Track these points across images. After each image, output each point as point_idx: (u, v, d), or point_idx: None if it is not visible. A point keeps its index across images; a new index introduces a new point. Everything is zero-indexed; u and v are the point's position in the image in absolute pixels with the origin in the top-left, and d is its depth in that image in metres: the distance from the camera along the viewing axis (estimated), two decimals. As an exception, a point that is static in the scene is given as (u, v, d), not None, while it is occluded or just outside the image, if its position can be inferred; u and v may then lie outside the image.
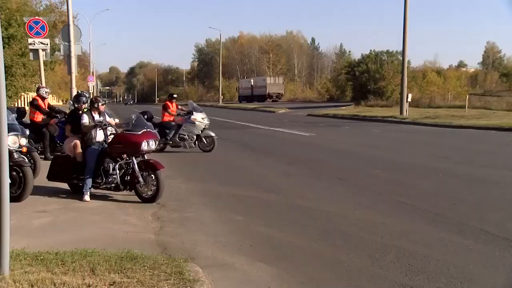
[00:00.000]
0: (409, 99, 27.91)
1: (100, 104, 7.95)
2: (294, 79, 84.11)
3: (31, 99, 13.31)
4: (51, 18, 26.91)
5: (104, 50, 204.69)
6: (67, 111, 12.23)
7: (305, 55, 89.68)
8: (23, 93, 28.74)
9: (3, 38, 6.46)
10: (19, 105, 29.42)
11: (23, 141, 7.71)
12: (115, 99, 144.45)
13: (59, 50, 23.51)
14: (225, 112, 41.26)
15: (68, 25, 16.76)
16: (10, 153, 7.05)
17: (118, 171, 7.38)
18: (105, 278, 3.98)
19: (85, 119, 7.65)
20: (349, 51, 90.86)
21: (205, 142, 13.55)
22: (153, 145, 7.48)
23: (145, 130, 7.43)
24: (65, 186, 8.60)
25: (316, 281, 4.33)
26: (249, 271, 4.59)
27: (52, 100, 61.21)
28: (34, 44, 15.63)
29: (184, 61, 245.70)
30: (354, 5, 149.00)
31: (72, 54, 16.43)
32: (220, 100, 66.43)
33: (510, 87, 59.55)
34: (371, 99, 41.95)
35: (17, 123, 8.03)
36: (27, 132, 10.04)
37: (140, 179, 7.26)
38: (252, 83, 69.04)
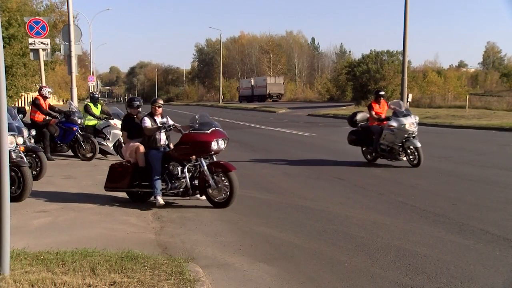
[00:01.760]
0: (410, 99, 27.90)
1: (157, 106, 7.43)
2: (295, 79, 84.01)
3: (33, 99, 13.28)
4: (51, 18, 26.93)
5: (104, 50, 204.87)
6: (65, 110, 12.25)
7: (306, 55, 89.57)
8: (23, 93, 28.75)
9: (3, 38, 6.46)
10: (20, 105, 29.44)
11: (20, 140, 7.69)
12: (115, 99, 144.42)
13: (59, 50, 23.54)
14: (225, 112, 41.26)
15: (69, 25, 16.78)
16: (9, 152, 7.11)
17: (187, 174, 7.00)
18: (105, 278, 3.99)
19: (148, 122, 7.22)
20: (349, 51, 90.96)
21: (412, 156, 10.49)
22: (222, 144, 7.04)
23: (214, 128, 7.00)
24: (67, 186, 8.61)
25: (316, 281, 4.33)
26: (249, 271, 4.60)
27: (52, 100, 61.05)
28: (35, 44, 15.64)
29: (184, 61, 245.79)
30: (354, 5, 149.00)
31: (73, 54, 16.45)
32: (221, 100, 66.40)
33: (510, 87, 59.49)
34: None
35: (12, 122, 7.93)
36: (33, 132, 10.04)
37: (211, 182, 6.83)
38: (253, 83, 69.00)
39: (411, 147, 10.39)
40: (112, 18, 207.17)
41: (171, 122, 7.49)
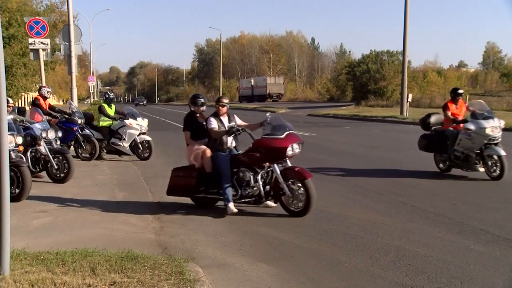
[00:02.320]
0: (410, 99, 27.90)
1: (221, 105, 6.90)
2: (295, 79, 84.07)
3: (33, 99, 13.26)
4: (51, 18, 26.95)
5: (104, 50, 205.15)
6: (67, 111, 12.24)
7: (305, 55, 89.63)
8: (23, 93, 28.75)
9: (3, 38, 6.45)
10: (20, 105, 29.39)
11: (19, 140, 7.67)
12: (115, 99, 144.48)
13: (59, 50, 23.55)
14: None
15: (69, 25, 16.78)
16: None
17: (260, 182, 6.51)
18: (105, 278, 3.99)
19: (214, 124, 6.72)
20: (349, 51, 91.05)
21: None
22: (297, 149, 6.62)
23: (288, 132, 6.55)
24: (67, 186, 8.61)
25: (316, 281, 4.33)
26: (249, 271, 4.60)
27: (52, 100, 61.12)
28: (35, 44, 15.64)
29: (184, 61, 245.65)
30: (354, 5, 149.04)
31: (73, 54, 16.45)
32: (221, 100, 66.40)
33: (510, 87, 59.42)
34: (372, 99, 41.94)
35: (11, 121, 7.92)
36: (60, 134, 9.88)
37: (286, 190, 6.36)
38: (253, 83, 69.05)
39: (492, 155, 8.81)
40: (112, 18, 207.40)
41: (238, 121, 7.10)
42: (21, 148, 7.72)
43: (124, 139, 12.05)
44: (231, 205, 6.45)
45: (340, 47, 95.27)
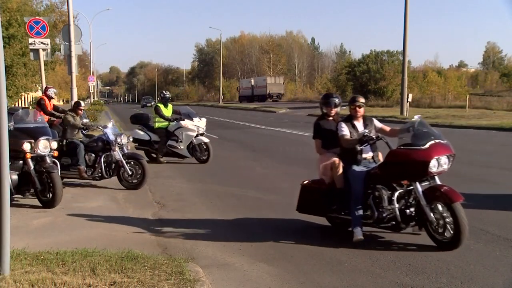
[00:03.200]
0: (410, 99, 27.89)
1: (357, 105, 5.65)
2: (295, 79, 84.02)
3: (38, 99, 13.19)
4: (51, 18, 26.93)
5: (104, 50, 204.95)
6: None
7: (306, 55, 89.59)
8: (23, 93, 28.74)
9: (3, 38, 6.44)
10: (20, 105, 29.40)
11: (54, 145, 7.29)
12: (115, 99, 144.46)
13: (59, 50, 23.52)
14: (225, 112, 41.25)
15: (69, 25, 16.76)
16: (42, 158, 7.01)
17: (396, 204, 5.17)
18: (105, 278, 3.99)
19: (345, 130, 5.54)
20: (350, 51, 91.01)
21: None
22: (446, 163, 5.24)
23: (433, 142, 5.20)
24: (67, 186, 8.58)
25: (316, 281, 4.33)
26: (249, 271, 4.60)
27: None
28: (35, 44, 15.63)
29: (184, 61, 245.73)
30: (354, 5, 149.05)
31: (73, 54, 16.43)
32: (221, 100, 66.39)
33: (510, 87, 59.44)
34: (372, 99, 41.91)
35: (47, 125, 7.63)
36: (131, 138, 9.38)
37: (429, 215, 5.04)
38: (253, 83, 69.00)
39: None
40: (112, 18, 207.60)
41: (379, 125, 5.80)
42: (56, 153, 7.29)
43: (181, 141, 11.56)
44: (358, 231, 5.27)
45: (340, 47, 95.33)
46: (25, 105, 31.66)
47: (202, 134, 11.68)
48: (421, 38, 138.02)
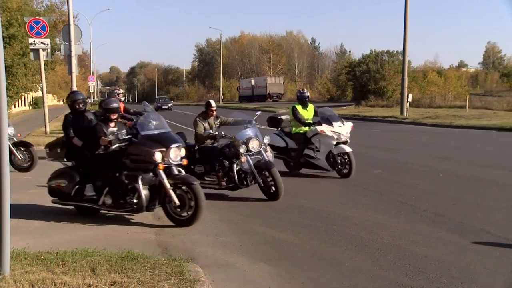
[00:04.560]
0: (410, 99, 27.87)
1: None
2: (295, 79, 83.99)
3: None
4: (51, 18, 26.93)
5: (104, 50, 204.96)
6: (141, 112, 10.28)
7: (306, 55, 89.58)
8: (23, 93, 28.75)
9: (3, 38, 6.38)
10: (20, 105, 29.43)
11: (183, 152, 6.34)
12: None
13: (59, 50, 23.57)
14: (225, 112, 41.09)
15: (69, 25, 16.79)
16: (170, 168, 6.07)
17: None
18: (105, 278, 3.99)
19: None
20: (350, 51, 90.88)
21: None
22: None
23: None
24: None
25: (316, 281, 4.34)
26: (249, 271, 4.60)
27: (52, 100, 61.24)
28: (35, 44, 15.67)
29: (184, 61, 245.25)
30: (354, 5, 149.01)
31: (73, 54, 16.46)
32: (221, 100, 66.36)
33: (510, 87, 59.40)
34: (372, 99, 41.89)
35: (169, 130, 6.57)
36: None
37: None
38: (253, 83, 68.96)
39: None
40: (112, 18, 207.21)
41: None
42: (185, 161, 6.35)
43: (318, 151, 9.66)
44: None
45: (340, 47, 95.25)
46: (25, 105, 31.63)
47: (345, 143, 9.63)
48: (421, 38, 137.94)
